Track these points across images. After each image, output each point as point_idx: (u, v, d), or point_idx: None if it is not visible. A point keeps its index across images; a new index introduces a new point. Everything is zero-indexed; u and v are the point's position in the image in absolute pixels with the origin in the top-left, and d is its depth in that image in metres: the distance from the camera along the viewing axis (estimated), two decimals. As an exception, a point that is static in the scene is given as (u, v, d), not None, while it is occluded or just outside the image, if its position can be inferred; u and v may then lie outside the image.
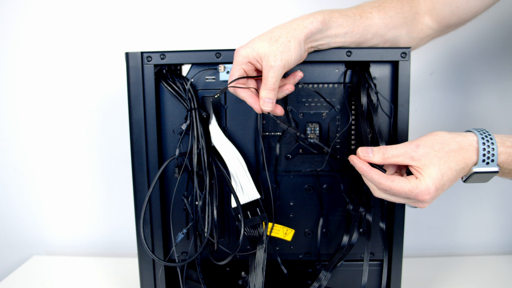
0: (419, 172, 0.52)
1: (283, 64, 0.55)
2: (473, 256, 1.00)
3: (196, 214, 0.64)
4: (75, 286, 0.89)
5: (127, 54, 0.64)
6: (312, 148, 0.67)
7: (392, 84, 0.65)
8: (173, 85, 0.64)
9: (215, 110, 0.66)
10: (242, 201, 0.64)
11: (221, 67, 0.64)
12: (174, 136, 0.67)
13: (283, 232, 0.70)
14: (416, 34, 0.68)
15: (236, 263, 0.74)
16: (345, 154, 0.58)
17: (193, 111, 0.63)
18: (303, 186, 0.69)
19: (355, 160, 0.56)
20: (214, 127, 0.64)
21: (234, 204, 0.63)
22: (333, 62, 0.65)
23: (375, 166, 0.55)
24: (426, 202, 0.52)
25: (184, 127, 0.63)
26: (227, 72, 0.65)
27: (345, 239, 0.66)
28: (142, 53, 0.64)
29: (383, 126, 0.65)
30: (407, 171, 0.55)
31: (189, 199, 0.67)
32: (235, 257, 0.70)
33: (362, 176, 0.57)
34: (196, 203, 0.64)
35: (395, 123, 0.64)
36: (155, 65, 0.64)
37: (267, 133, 0.67)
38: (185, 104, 0.64)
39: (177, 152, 0.65)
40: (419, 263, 0.95)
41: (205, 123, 0.64)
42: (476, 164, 0.52)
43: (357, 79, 0.64)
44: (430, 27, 0.68)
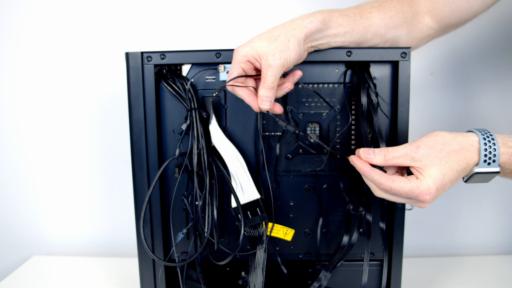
0: (420, 173, 0.52)
1: (282, 63, 0.55)
2: (473, 256, 1.00)
3: (196, 214, 0.64)
4: (75, 286, 0.89)
5: (127, 54, 0.64)
6: (311, 148, 0.67)
7: (392, 84, 0.65)
8: (173, 85, 0.64)
9: (215, 110, 0.66)
10: (242, 201, 0.64)
11: (221, 67, 0.64)
12: (174, 136, 0.67)
13: (283, 232, 0.70)
14: (416, 34, 0.68)
15: (236, 263, 0.74)
16: (345, 154, 0.58)
17: (193, 111, 0.63)
18: (303, 186, 0.69)
19: (356, 161, 0.55)
20: (214, 127, 0.64)
21: (234, 204, 0.63)
22: (333, 62, 0.65)
23: (376, 166, 0.55)
24: (427, 202, 0.52)
25: (184, 127, 0.63)
26: (227, 72, 0.65)
27: (345, 239, 0.66)
28: (142, 53, 0.64)
29: (383, 126, 0.65)
30: (408, 171, 0.55)
31: (189, 199, 0.67)
32: (235, 257, 0.70)
33: (363, 176, 0.57)
34: (196, 203, 0.64)
35: (395, 123, 0.64)
36: (155, 65, 0.64)
37: (267, 133, 0.67)
38: (185, 104, 0.64)
39: (177, 152, 0.65)
40: (419, 263, 0.95)
41: (205, 123, 0.64)
42: (478, 165, 0.52)
43: (357, 79, 0.63)
44: (430, 27, 0.68)
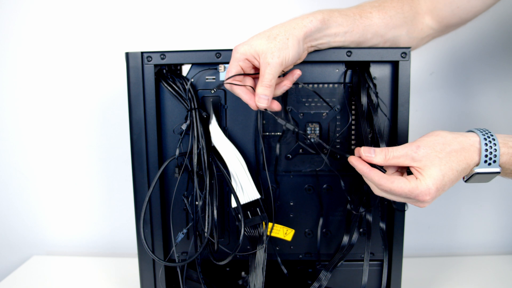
0: (420, 173, 0.52)
1: (281, 61, 0.55)
2: (473, 256, 1.00)
3: (196, 214, 0.64)
4: (75, 286, 0.89)
5: (127, 54, 0.64)
6: (311, 148, 0.67)
7: (392, 84, 0.65)
8: (173, 85, 0.64)
9: (215, 110, 0.66)
10: (242, 201, 0.64)
11: (221, 67, 0.64)
12: (174, 136, 0.67)
13: (283, 232, 0.70)
14: (416, 34, 0.68)
15: (236, 263, 0.74)
16: (345, 154, 0.58)
17: (193, 111, 0.63)
18: (303, 186, 0.69)
19: (355, 162, 0.56)
20: (214, 127, 0.64)
21: (234, 204, 0.63)
22: (333, 62, 0.65)
23: (375, 166, 0.55)
24: (427, 202, 0.52)
25: (184, 127, 0.63)
26: None
27: (345, 239, 0.66)
28: (142, 53, 0.64)
29: (383, 126, 0.65)
30: (408, 170, 0.55)
31: (189, 199, 0.67)
32: (235, 257, 0.70)
33: (362, 176, 0.57)
34: (196, 203, 0.64)
35: (395, 123, 0.64)
36: (155, 65, 0.64)
37: (267, 133, 0.67)
38: (185, 104, 0.64)
39: (177, 152, 0.65)
40: (419, 263, 0.95)
41: (205, 123, 0.64)
42: (478, 165, 0.52)
43: (357, 79, 0.63)
44: (431, 27, 0.68)
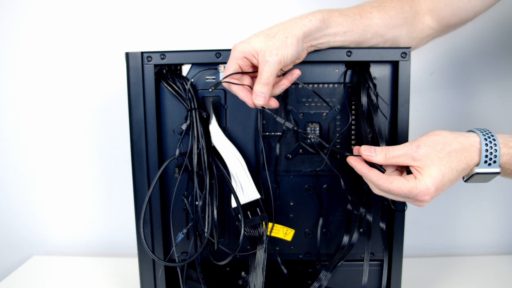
0: (419, 172, 0.51)
1: (279, 60, 0.55)
2: (473, 256, 1.00)
3: (196, 214, 0.64)
4: (75, 286, 0.89)
5: (127, 54, 0.64)
6: (310, 148, 0.67)
7: (392, 84, 0.65)
8: (173, 85, 0.64)
9: (215, 110, 0.66)
10: (242, 201, 0.64)
11: (221, 67, 0.64)
12: (174, 136, 0.67)
13: (283, 232, 0.70)
14: (417, 34, 0.68)
15: (236, 263, 0.74)
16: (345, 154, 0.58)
17: (193, 111, 0.63)
18: (303, 186, 0.69)
19: (354, 162, 0.56)
20: (214, 127, 0.64)
21: (234, 204, 0.63)
22: (333, 62, 0.65)
23: (374, 165, 0.55)
24: (426, 202, 0.52)
25: (184, 127, 0.63)
26: None
27: (345, 239, 0.66)
28: (142, 53, 0.64)
29: (383, 126, 0.65)
30: (407, 169, 0.55)
31: (189, 199, 0.67)
32: (235, 257, 0.70)
33: (362, 176, 0.57)
34: (196, 203, 0.64)
35: (395, 123, 0.64)
36: (155, 65, 0.64)
37: (267, 133, 0.67)
38: (185, 104, 0.64)
39: (177, 152, 0.65)
40: (419, 263, 0.95)
41: (205, 123, 0.64)
42: (478, 165, 0.52)
43: (357, 79, 0.63)
44: (431, 27, 0.68)
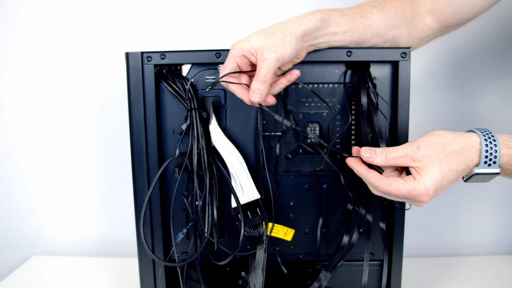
0: (419, 173, 0.51)
1: (277, 57, 0.55)
2: (473, 256, 1.00)
3: (196, 214, 0.64)
4: (75, 286, 0.89)
5: (127, 54, 0.64)
6: (310, 147, 0.67)
7: (392, 84, 0.65)
8: (173, 85, 0.64)
9: (215, 110, 0.66)
10: (242, 201, 0.64)
11: (221, 67, 0.64)
12: (174, 136, 0.67)
13: (283, 232, 0.70)
14: (417, 34, 0.68)
15: (236, 263, 0.74)
16: (345, 154, 0.59)
17: (193, 111, 0.63)
18: (303, 186, 0.69)
19: (353, 164, 0.56)
20: (214, 127, 0.64)
21: (234, 204, 0.63)
22: (333, 62, 0.65)
23: (373, 166, 0.55)
24: (425, 202, 0.52)
25: (184, 127, 0.63)
26: None
27: (345, 239, 0.66)
28: (142, 53, 0.64)
29: (383, 126, 0.65)
30: (407, 169, 0.55)
31: (189, 199, 0.67)
32: (235, 257, 0.70)
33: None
34: (196, 203, 0.64)
35: (395, 123, 0.64)
36: (155, 65, 0.64)
37: (267, 133, 0.67)
38: (185, 104, 0.64)
39: (177, 152, 0.65)
40: (419, 263, 0.95)
41: (205, 123, 0.64)
42: (478, 165, 0.52)
43: (357, 79, 0.63)
44: (431, 27, 0.68)
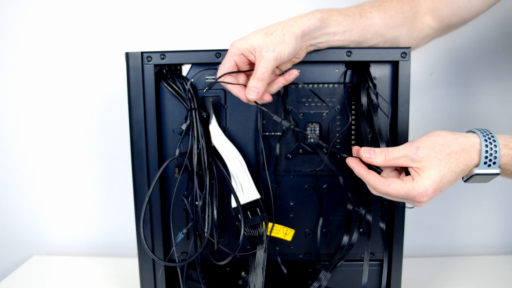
0: (418, 174, 0.51)
1: (275, 56, 0.55)
2: (473, 256, 1.00)
3: (196, 214, 0.64)
4: (75, 286, 0.89)
5: (127, 54, 0.64)
6: (310, 148, 0.67)
7: (392, 84, 0.65)
8: (173, 85, 0.64)
9: (215, 110, 0.66)
10: (242, 201, 0.64)
11: (221, 67, 0.64)
12: (174, 136, 0.67)
13: (283, 232, 0.70)
14: (417, 34, 0.68)
15: (236, 263, 0.74)
16: (345, 154, 0.59)
17: (193, 111, 0.63)
18: (303, 186, 0.69)
19: (352, 164, 0.56)
20: (214, 127, 0.64)
21: (234, 204, 0.63)
22: (333, 62, 0.65)
23: (372, 166, 0.55)
24: (423, 202, 0.52)
25: (184, 127, 0.63)
26: None
27: (345, 239, 0.66)
28: (142, 53, 0.64)
29: (383, 126, 0.65)
30: (406, 170, 0.55)
31: (189, 199, 0.67)
32: (235, 257, 0.70)
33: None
34: (196, 203, 0.64)
35: (395, 123, 0.64)
36: (155, 65, 0.64)
37: (267, 133, 0.67)
38: (185, 104, 0.64)
39: (177, 152, 0.65)
40: (419, 263, 0.95)
41: (205, 123, 0.64)
42: (478, 166, 0.52)
43: (357, 79, 0.63)
44: (431, 27, 0.68)
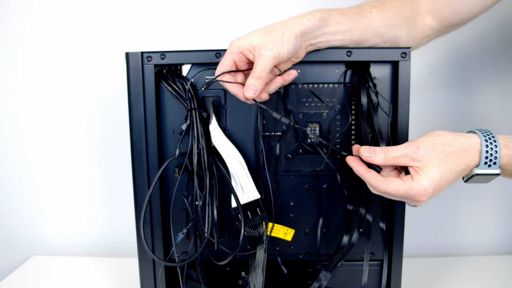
0: (417, 173, 0.51)
1: (274, 54, 0.55)
2: (473, 256, 1.00)
3: (196, 214, 0.64)
4: (75, 286, 0.89)
5: (127, 54, 0.64)
6: (310, 147, 0.67)
7: (392, 84, 0.65)
8: (173, 85, 0.64)
9: (215, 110, 0.66)
10: (242, 201, 0.64)
11: (221, 67, 0.64)
12: (174, 136, 0.67)
13: (283, 232, 0.70)
14: (417, 34, 0.68)
15: (236, 263, 0.74)
16: (345, 153, 0.59)
17: (193, 111, 0.63)
18: (303, 186, 0.69)
19: (352, 163, 0.56)
20: (214, 127, 0.64)
21: (234, 204, 0.63)
22: (333, 62, 0.65)
23: (372, 165, 0.55)
24: (423, 202, 0.52)
25: (184, 127, 0.63)
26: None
27: (345, 239, 0.66)
28: (142, 53, 0.64)
29: (383, 126, 0.65)
30: (406, 169, 0.55)
31: (189, 199, 0.67)
32: (235, 257, 0.70)
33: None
34: (196, 203, 0.64)
35: (395, 123, 0.64)
36: (155, 65, 0.64)
37: (267, 133, 0.67)
38: (185, 104, 0.64)
39: (177, 152, 0.65)
40: (419, 263, 0.95)
41: (205, 123, 0.64)
42: (478, 166, 0.52)
43: (357, 79, 0.63)
44: (431, 27, 0.68)
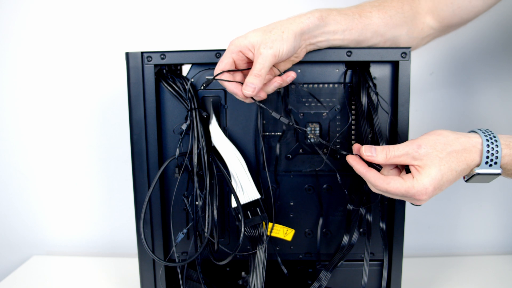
0: (418, 171, 0.51)
1: (273, 53, 0.55)
2: (473, 256, 1.00)
3: (196, 214, 0.64)
4: (75, 286, 0.89)
5: (127, 54, 0.64)
6: (310, 147, 0.67)
7: (392, 84, 0.65)
8: (173, 85, 0.64)
9: (215, 110, 0.66)
10: (242, 201, 0.64)
11: (221, 67, 0.64)
12: (174, 136, 0.67)
13: (283, 232, 0.70)
14: (417, 34, 0.68)
15: (236, 263, 0.74)
16: (345, 152, 0.59)
17: (193, 111, 0.63)
18: (303, 186, 0.69)
19: (352, 162, 0.56)
20: (214, 127, 0.64)
21: (234, 204, 0.63)
22: (333, 62, 0.65)
23: (373, 164, 0.55)
24: (423, 201, 0.53)
25: (184, 127, 0.63)
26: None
27: (345, 239, 0.66)
28: (142, 53, 0.64)
29: (383, 126, 0.65)
30: (406, 167, 0.55)
31: (189, 199, 0.67)
32: (235, 257, 0.70)
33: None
34: (196, 203, 0.64)
35: (395, 123, 0.64)
36: (155, 65, 0.64)
37: (267, 133, 0.67)
38: (185, 104, 0.64)
39: (177, 152, 0.65)
40: (419, 263, 0.95)
41: (205, 123, 0.64)
42: (479, 166, 0.52)
43: (357, 79, 0.63)
44: (431, 27, 0.68)
